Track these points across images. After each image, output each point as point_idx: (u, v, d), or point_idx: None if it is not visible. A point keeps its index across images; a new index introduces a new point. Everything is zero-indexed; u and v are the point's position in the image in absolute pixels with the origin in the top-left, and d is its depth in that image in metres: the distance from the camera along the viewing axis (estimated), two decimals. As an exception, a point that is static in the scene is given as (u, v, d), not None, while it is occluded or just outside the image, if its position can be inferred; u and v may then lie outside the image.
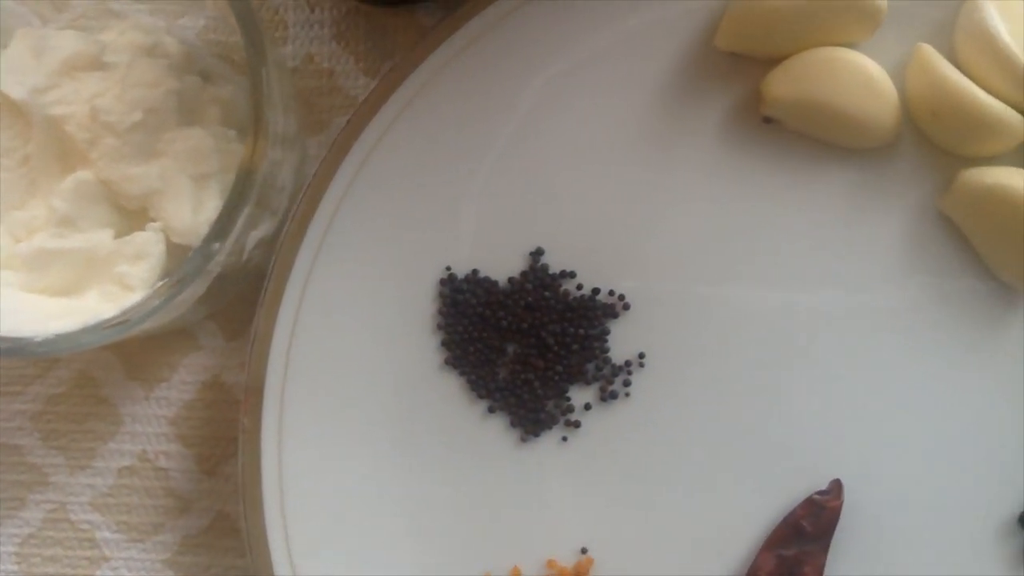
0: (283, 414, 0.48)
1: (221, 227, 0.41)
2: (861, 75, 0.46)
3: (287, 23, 0.54)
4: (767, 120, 0.48)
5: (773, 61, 0.48)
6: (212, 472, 0.52)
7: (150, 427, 0.52)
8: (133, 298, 0.44)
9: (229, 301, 0.51)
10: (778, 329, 0.48)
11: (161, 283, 0.43)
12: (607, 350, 0.49)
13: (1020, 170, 0.46)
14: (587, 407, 0.49)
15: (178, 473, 0.52)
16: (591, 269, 0.49)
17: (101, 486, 0.52)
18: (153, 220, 0.46)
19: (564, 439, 0.49)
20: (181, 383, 0.52)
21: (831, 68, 0.46)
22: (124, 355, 0.52)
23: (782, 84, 0.47)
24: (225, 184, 0.46)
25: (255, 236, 0.46)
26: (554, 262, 0.49)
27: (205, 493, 0.52)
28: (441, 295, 0.49)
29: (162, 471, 0.52)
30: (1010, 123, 0.46)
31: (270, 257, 0.48)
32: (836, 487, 0.47)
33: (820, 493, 0.47)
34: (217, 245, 0.41)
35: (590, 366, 0.49)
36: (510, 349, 0.49)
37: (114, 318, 0.42)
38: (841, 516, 0.47)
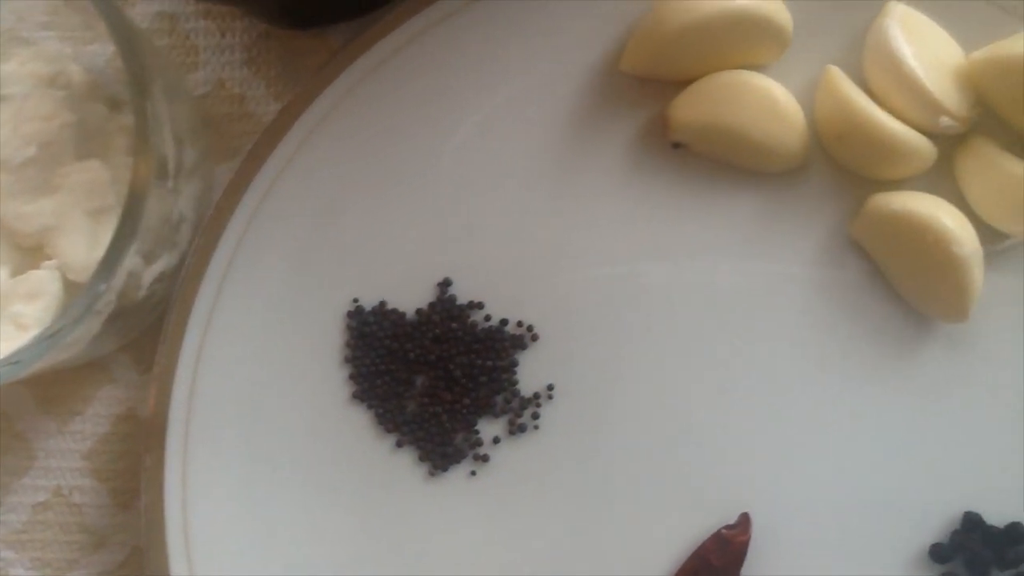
0: (187, 451, 0.47)
1: (106, 266, 0.40)
2: (766, 99, 0.46)
3: (198, 48, 0.53)
4: (675, 145, 0.48)
5: (680, 84, 0.47)
6: (127, 506, 0.51)
7: (64, 462, 0.52)
8: (28, 338, 0.43)
9: (142, 332, 0.51)
10: (689, 359, 0.47)
11: (50, 325, 0.42)
12: (516, 382, 0.48)
13: (927, 195, 0.45)
14: (496, 440, 0.48)
15: (92, 508, 0.52)
16: (499, 299, 0.48)
17: (15, 523, 0.52)
18: (49, 258, 0.45)
19: (473, 473, 0.48)
20: (95, 416, 0.52)
21: (736, 92, 0.46)
22: (37, 389, 0.52)
23: (687, 108, 0.46)
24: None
25: (154, 270, 0.46)
26: (462, 292, 0.49)
27: (120, 528, 0.51)
28: (348, 327, 0.49)
29: (76, 506, 0.52)
30: (916, 148, 0.45)
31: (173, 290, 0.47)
32: (744, 521, 0.46)
33: (728, 527, 0.46)
34: (103, 285, 0.41)
35: (499, 398, 0.48)
36: (418, 382, 0.49)
37: (4, 360, 0.42)
38: (749, 550, 0.46)
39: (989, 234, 0.45)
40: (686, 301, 0.48)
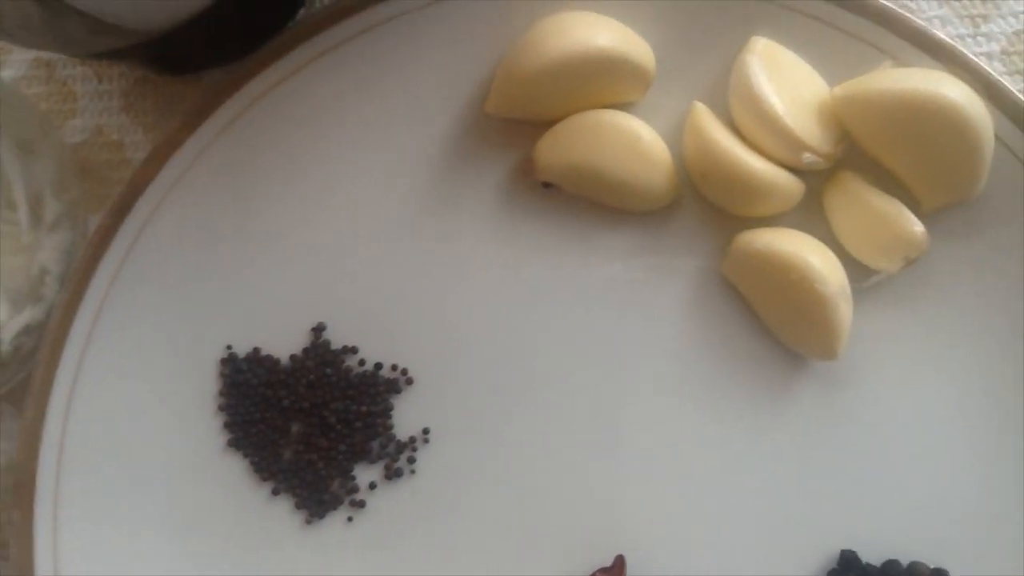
0: (57, 506, 0.47)
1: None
2: (630, 138, 0.45)
3: (76, 95, 0.53)
4: (545, 185, 0.47)
5: (546, 125, 0.47)
6: (4, 558, 0.51)
7: (-55, 515, 0.51)
8: None
9: (19, 384, 0.50)
10: (562, 399, 0.47)
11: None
12: (391, 427, 0.48)
13: (793, 232, 0.45)
14: (372, 486, 0.48)
15: (-27, 561, 0.51)
16: (374, 343, 0.48)
17: None
18: (-94, 312, 0.45)
19: (350, 519, 0.48)
20: (-24, 467, 0.51)
21: (599, 131, 0.45)
22: (-83, 442, 0.51)
23: (552, 150, 0.46)
24: (-7, 270, 0.45)
25: (17, 323, 0.45)
26: (336, 337, 0.48)
27: (2, 580, 0.51)
28: (222, 375, 0.48)
29: (-43, 559, 0.51)
30: (780, 185, 0.44)
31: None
32: (619, 563, 0.46)
33: (603, 570, 0.46)
34: (-52, 336, 0.40)
35: (374, 444, 0.48)
36: (294, 428, 0.48)
37: None
38: (625, 592, 0.46)
39: (859, 270, 0.45)
40: (560, 343, 0.47)
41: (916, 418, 0.46)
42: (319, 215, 0.48)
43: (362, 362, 0.48)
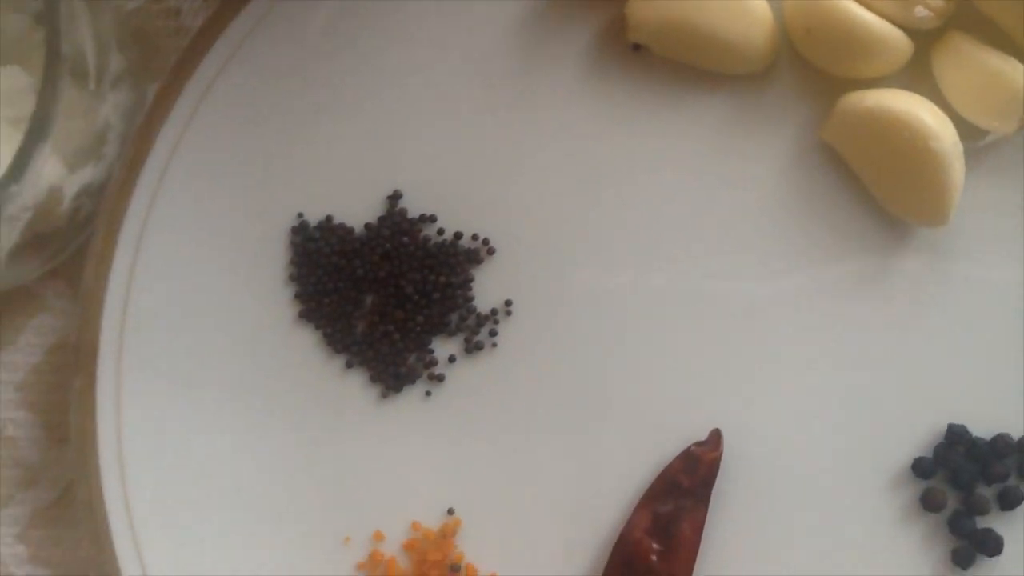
0: (121, 375, 0.44)
1: (17, 165, 0.38)
2: (731, -8, 0.43)
3: (131, -40, 0.50)
4: (635, 47, 0.45)
5: (639, -20, 0.44)
6: (61, 440, 0.48)
7: (-5, 394, 0.49)
8: (-55, 250, 0.40)
9: (73, 255, 0.48)
10: (651, 271, 0.45)
11: (-35, 231, 0.39)
12: (471, 298, 0.46)
13: (902, 91, 0.43)
14: (451, 360, 0.45)
15: (26, 442, 0.49)
16: (453, 212, 0.46)
17: (-56, 458, 0.49)
18: (-30, 167, 0.42)
19: (428, 394, 0.45)
20: (28, 346, 0.49)
21: (698, -14, 0.43)
22: (-34, 319, 0.49)
23: (647, 6, 0.44)
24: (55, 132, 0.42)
25: (77, 181, 0.43)
26: (413, 206, 0.46)
27: (54, 463, 0.48)
28: (293, 244, 0.46)
29: (10, 440, 0.49)
30: (891, 41, 0.42)
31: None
32: (715, 437, 0.44)
33: (698, 444, 0.44)
34: (14, 187, 0.38)
35: (453, 316, 0.46)
36: (368, 300, 0.46)
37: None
38: (721, 468, 0.43)
39: (969, 131, 0.43)
40: (650, 211, 0.45)
41: (1026, 287, 0.44)
42: (395, 79, 0.46)
43: (441, 231, 0.46)
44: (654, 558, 0.43)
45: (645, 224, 0.45)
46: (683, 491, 0.43)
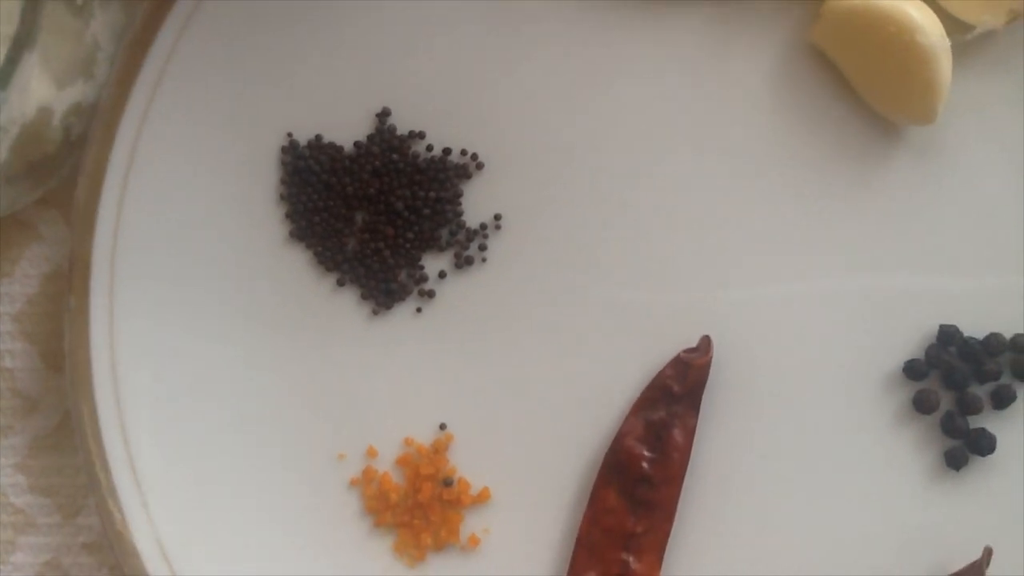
0: (113, 292, 0.44)
1: (2, 74, 0.38)
2: None
3: None
4: (621, -44, 0.45)
5: None
6: (59, 368, 0.49)
7: (-8, 325, 0.49)
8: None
9: (66, 181, 0.48)
10: (640, 180, 0.45)
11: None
12: (461, 213, 0.46)
13: (889, -11, 0.42)
14: (442, 275, 0.45)
15: (24, 372, 0.49)
16: (441, 128, 0.46)
17: (-58, 388, 0.49)
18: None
19: (418, 310, 0.45)
20: (23, 277, 0.49)
21: None
22: (-39, 250, 0.49)
23: (631, -88, 0.43)
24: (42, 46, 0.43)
25: (66, 98, 0.43)
26: (402, 122, 0.46)
27: (52, 391, 0.49)
28: (283, 163, 0.46)
29: (7, 371, 0.49)
30: (875, -63, 0.42)
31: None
32: (705, 343, 0.44)
33: (688, 351, 0.44)
34: (1, 94, 0.38)
35: (443, 231, 0.46)
36: (358, 218, 0.46)
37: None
38: (711, 375, 0.43)
39: (955, 26, 0.43)
40: (636, 122, 0.45)
41: (1017, 186, 0.43)
42: (382, -5, 0.46)
43: (430, 147, 0.46)
44: (645, 465, 0.43)
45: (633, 134, 0.45)
46: (674, 397, 0.43)
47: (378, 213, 0.46)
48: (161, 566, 0.44)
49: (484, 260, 0.45)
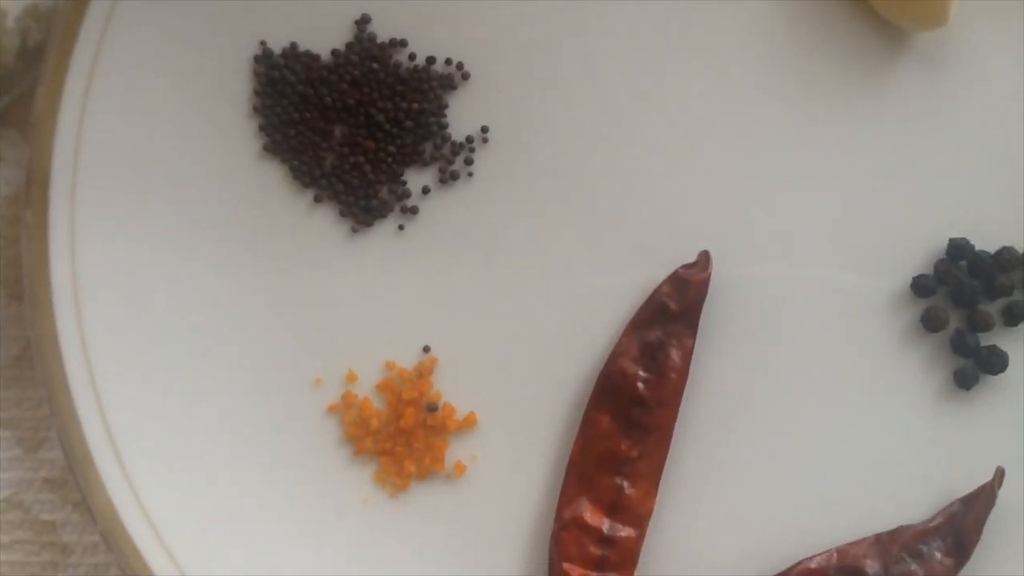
0: (75, 207, 0.42)
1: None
2: None
3: None
4: None
5: None
6: (20, 297, 0.46)
7: (-53, 251, 0.46)
8: None
9: (24, 101, 0.45)
10: (633, 92, 0.43)
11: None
12: (445, 126, 0.43)
13: None
14: (425, 191, 0.43)
15: (-18, 300, 0.46)
16: (424, 36, 0.43)
17: None
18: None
19: (400, 228, 0.43)
20: (-20, 200, 0.46)
21: None
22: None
23: None
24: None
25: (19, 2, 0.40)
26: (382, 30, 0.43)
27: (12, 320, 0.46)
28: (256, 73, 0.43)
29: (-37, 300, 0.46)
30: None
31: (53, 31, 0.42)
32: (703, 259, 0.41)
33: (686, 267, 0.41)
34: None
35: (427, 145, 0.43)
36: (336, 131, 0.43)
37: None
38: (711, 293, 0.41)
39: (966, -73, 0.41)
40: (635, 26, 0.43)
41: (1031, 94, 0.41)
42: None
43: (412, 56, 0.43)
44: (640, 386, 0.41)
45: (628, 43, 0.43)
46: (671, 316, 0.41)
47: (357, 126, 0.43)
48: (128, 497, 0.41)
49: (470, 175, 0.43)
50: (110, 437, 0.41)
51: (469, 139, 0.43)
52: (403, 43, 0.43)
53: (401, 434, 0.42)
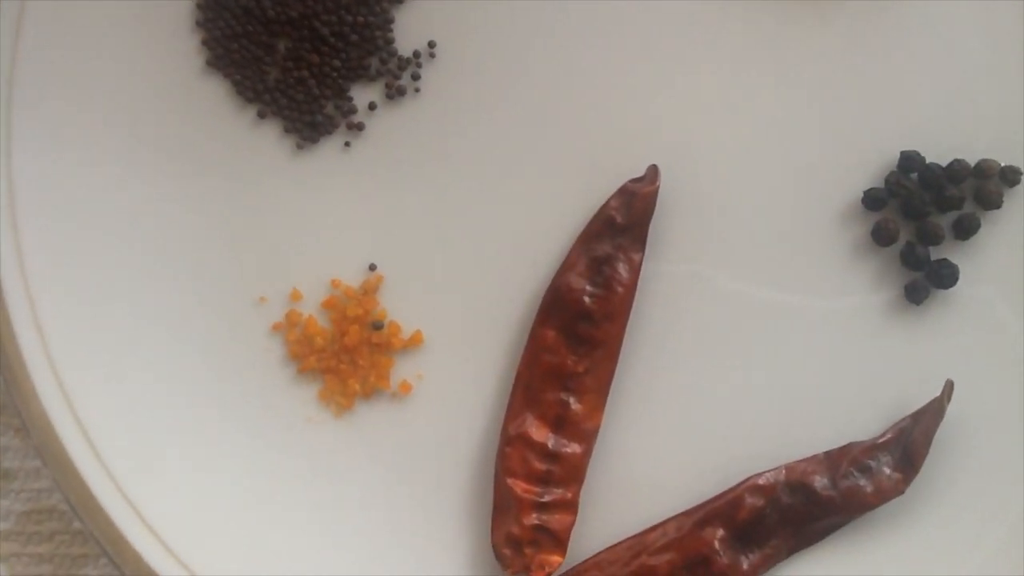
0: (10, 122, 0.41)
1: None
2: None
3: None
4: None
5: None
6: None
7: None
8: None
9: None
10: (583, 1, 0.42)
11: None
12: (391, 40, 0.42)
13: None
14: (371, 107, 0.42)
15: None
16: (371, -52, 0.42)
17: None
18: None
19: (347, 144, 0.42)
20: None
21: None
22: None
23: None
24: None
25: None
26: (327, -59, 0.42)
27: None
28: (198, -15, 0.42)
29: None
30: None
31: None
32: (651, 172, 0.41)
33: (634, 180, 0.41)
34: None
35: (373, 59, 0.42)
36: (281, 45, 0.42)
37: None
38: (659, 206, 0.41)
39: None
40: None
41: (982, 7, 0.41)
42: None
43: (358, -31, 0.42)
44: (587, 300, 0.40)
45: (576, -48, 0.42)
46: (618, 230, 0.40)
47: (302, 40, 0.42)
48: (67, 417, 0.40)
49: (417, 91, 0.42)
50: (48, 356, 0.41)
51: (416, 54, 0.42)
52: (348, -46, 0.42)
53: (346, 352, 0.41)
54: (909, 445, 0.39)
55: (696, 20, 0.41)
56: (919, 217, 0.40)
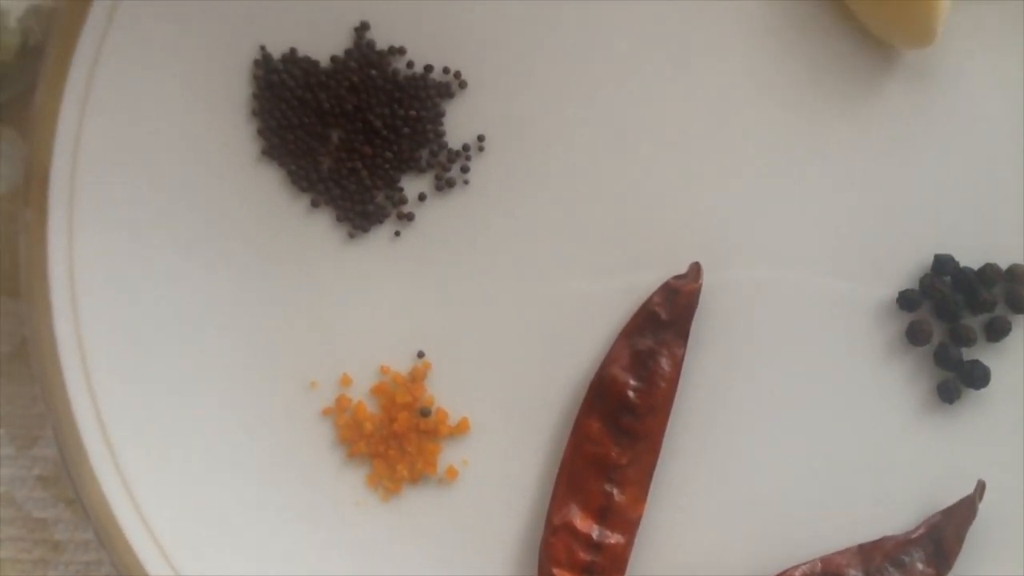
0: (73, 206, 0.42)
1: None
2: None
3: None
4: None
5: None
6: (16, 293, 0.46)
7: (-57, 246, 0.46)
8: None
9: (22, 99, 0.45)
10: (628, 101, 0.43)
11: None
12: (442, 133, 0.44)
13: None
14: (421, 197, 0.43)
15: (-25, 295, 0.46)
16: (423, 44, 0.44)
17: None
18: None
19: (397, 234, 0.44)
20: (-23, 197, 0.47)
21: None
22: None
23: None
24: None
25: (20, 3, 0.40)
26: (381, 37, 0.44)
27: (8, 316, 0.46)
28: (255, 77, 0.44)
29: (-41, 296, 0.46)
30: None
31: (54, 32, 0.42)
32: (694, 270, 0.42)
33: (677, 277, 0.42)
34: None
35: (424, 152, 0.44)
36: (334, 136, 0.44)
37: None
38: (701, 303, 0.42)
39: (956, -51, 0.41)
40: (629, 37, 0.43)
41: (1016, 112, 0.42)
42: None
43: (410, 64, 0.44)
44: (631, 394, 0.41)
45: (622, 52, 0.43)
46: (661, 325, 0.42)
47: (355, 131, 0.44)
48: (122, 495, 0.41)
49: (466, 183, 0.44)
50: (105, 435, 0.42)
51: (465, 147, 0.44)
52: (401, 50, 0.44)
53: (394, 438, 0.42)
54: (942, 541, 0.40)
55: (738, 121, 0.43)
56: (952, 319, 0.41)
